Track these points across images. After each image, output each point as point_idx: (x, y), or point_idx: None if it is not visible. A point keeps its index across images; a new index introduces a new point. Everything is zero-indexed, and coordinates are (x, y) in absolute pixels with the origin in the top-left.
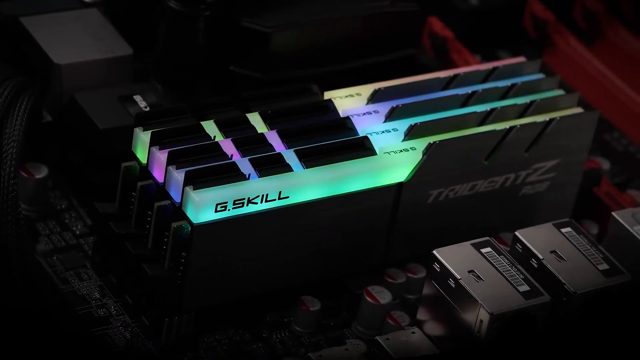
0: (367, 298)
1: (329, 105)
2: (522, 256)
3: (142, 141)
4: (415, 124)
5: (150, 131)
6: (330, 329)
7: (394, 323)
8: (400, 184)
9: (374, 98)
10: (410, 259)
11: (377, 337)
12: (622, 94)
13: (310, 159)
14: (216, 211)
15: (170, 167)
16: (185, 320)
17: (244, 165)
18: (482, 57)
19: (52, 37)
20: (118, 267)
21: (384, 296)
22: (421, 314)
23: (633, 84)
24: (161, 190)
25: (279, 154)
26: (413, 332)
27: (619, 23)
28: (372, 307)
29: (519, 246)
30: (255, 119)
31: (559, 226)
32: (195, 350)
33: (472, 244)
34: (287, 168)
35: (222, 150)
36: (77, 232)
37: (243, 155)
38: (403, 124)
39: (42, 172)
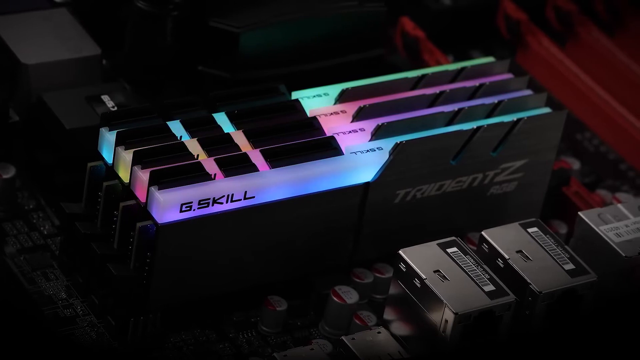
0: (334, 298)
1: (296, 105)
2: (488, 256)
3: (108, 141)
4: (382, 123)
5: (116, 131)
6: (297, 329)
7: (360, 323)
8: (367, 184)
9: (342, 98)
10: (378, 258)
11: (342, 337)
12: (594, 95)
13: (276, 159)
14: (181, 211)
15: (135, 167)
16: (151, 320)
17: (210, 165)
18: (455, 57)
19: (19, 37)
20: (84, 267)
21: (350, 296)
22: (388, 314)
23: (605, 84)
24: (127, 190)
25: (245, 153)
26: (379, 332)
27: (591, 23)
28: (339, 307)
29: (485, 246)
30: (222, 119)
31: (525, 226)
32: (161, 350)
33: (438, 244)
34: (253, 168)
35: (187, 150)
36: (45, 232)
37: (209, 155)
38: (370, 124)
39: (9, 172)
